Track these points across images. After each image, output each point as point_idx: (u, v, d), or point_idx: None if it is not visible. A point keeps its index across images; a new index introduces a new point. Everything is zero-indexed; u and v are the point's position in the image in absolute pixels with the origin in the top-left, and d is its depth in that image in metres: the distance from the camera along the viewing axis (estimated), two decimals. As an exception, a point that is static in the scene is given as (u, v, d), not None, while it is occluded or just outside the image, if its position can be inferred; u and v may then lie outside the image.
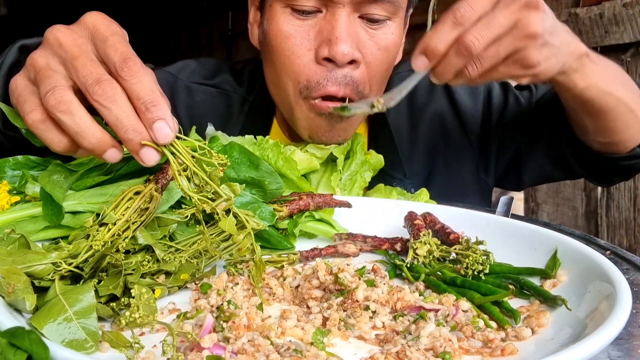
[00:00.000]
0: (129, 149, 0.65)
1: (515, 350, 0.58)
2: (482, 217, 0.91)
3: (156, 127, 0.64)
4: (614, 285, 0.61)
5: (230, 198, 0.70)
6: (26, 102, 0.68)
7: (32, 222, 0.77)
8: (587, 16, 1.74)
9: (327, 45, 1.06)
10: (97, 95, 0.64)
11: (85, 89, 0.65)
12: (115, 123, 0.64)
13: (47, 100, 0.65)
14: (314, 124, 1.14)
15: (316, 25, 1.09)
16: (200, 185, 0.67)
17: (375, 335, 0.63)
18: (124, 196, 0.73)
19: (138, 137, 0.64)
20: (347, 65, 1.08)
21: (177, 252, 0.77)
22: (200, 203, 0.68)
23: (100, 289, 0.64)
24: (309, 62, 1.10)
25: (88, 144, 0.66)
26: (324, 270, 0.70)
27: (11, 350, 0.47)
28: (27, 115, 0.67)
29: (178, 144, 0.66)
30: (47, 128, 0.67)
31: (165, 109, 0.65)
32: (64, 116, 0.65)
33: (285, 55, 1.11)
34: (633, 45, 1.68)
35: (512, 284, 0.73)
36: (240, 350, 0.55)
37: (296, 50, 1.10)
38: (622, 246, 1.79)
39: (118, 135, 0.65)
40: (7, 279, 0.59)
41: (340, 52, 1.05)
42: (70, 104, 0.65)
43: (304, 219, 0.93)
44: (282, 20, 1.10)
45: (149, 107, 0.64)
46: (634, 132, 1.14)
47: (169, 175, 0.81)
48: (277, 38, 1.11)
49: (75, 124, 0.65)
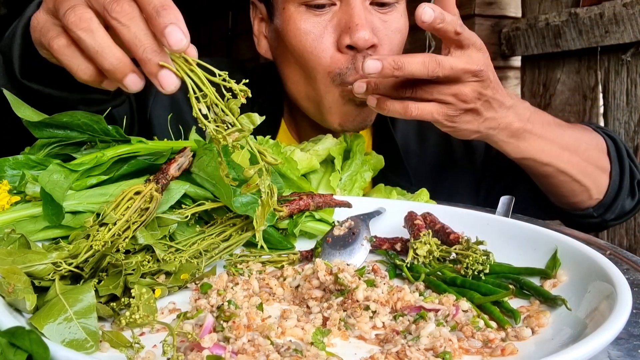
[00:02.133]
0: (147, 72, 0.63)
1: (515, 350, 0.58)
2: (482, 217, 0.91)
3: (168, 31, 0.60)
4: (614, 285, 0.61)
5: (247, 130, 0.65)
6: (49, 31, 0.68)
7: (32, 222, 0.77)
8: (587, 16, 1.74)
9: (348, 34, 1.10)
10: (115, 12, 0.62)
11: (104, 8, 0.63)
12: (133, 41, 0.62)
13: (68, 18, 0.64)
14: (345, 110, 1.17)
15: (333, 17, 1.12)
16: (217, 115, 0.63)
17: (375, 335, 0.63)
18: (124, 196, 0.73)
19: (157, 57, 0.61)
20: (368, 49, 1.11)
21: (177, 252, 0.77)
22: (215, 134, 0.63)
23: (101, 289, 0.64)
24: (334, 53, 1.13)
25: (109, 64, 0.64)
26: (324, 270, 0.70)
27: (11, 350, 0.47)
28: (52, 42, 0.67)
29: (196, 68, 0.62)
30: (73, 54, 0.67)
31: (178, 14, 0.62)
32: (84, 34, 0.64)
33: (309, 52, 1.13)
34: (633, 45, 1.68)
35: (512, 284, 0.73)
36: (240, 350, 0.55)
37: (318, 45, 1.13)
38: (622, 246, 1.78)
39: (136, 55, 0.62)
40: (7, 279, 0.59)
41: (362, 39, 1.09)
42: (90, 21, 0.64)
43: (304, 219, 0.93)
44: (298, 19, 1.13)
45: (159, 11, 0.61)
46: (583, 198, 1.18)
47: (169, 175, 0.81)
48: (297, 37, 1.14)
49: (96, 42, 0.64)
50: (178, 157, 0.84)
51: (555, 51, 1.91)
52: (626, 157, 1.21)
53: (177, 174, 0.83)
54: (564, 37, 1.84)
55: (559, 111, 1.98)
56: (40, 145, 0.86)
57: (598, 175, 1.18)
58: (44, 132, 0.84)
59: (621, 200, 1.21)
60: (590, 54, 1.84)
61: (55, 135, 0.84)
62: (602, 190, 1.19)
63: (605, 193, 1.19)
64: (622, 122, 1.76)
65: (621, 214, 1.24)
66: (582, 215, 1.23)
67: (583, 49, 1.82)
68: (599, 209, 1.21)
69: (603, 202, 1.20)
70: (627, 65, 1.73)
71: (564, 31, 1.83)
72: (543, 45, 1.94)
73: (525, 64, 2.16)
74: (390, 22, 1.15)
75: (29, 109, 0.82)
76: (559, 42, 1.87)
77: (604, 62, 1.81)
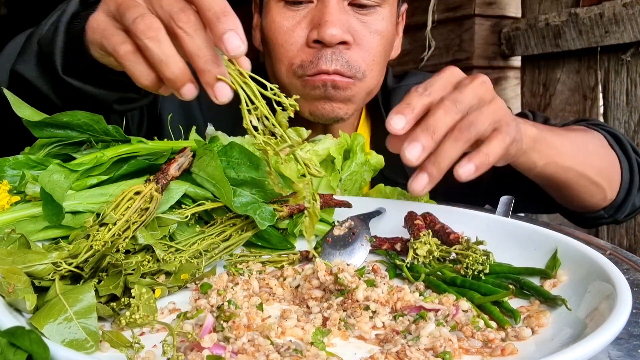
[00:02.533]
0: (204, 82, 0.65)
1: (515, 350, 0.58)
2: (482, 217, 0.91)
3: (227, 37, 0.62)
4: (614, 285, 0.61)
5: (296, 144, 0.68)
6: (114, 35, 0.69)
7: (32, 222, 0.77)
8: (587, 16, 1.74)
9: (317, 29, 1.12)
10: (182, 22, 0.64)
11: (170, 17, 0.65)
12: (196, 52, 0.64)
13: (137, 26, 0.65)
14: (311, 100, 1.18)
15: (308, 14, 1.15)
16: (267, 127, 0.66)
17: (375, 335, 0.63)
18: (124, 196, 0.73)
19: (216, 70, 0.64)
20: (338, 45, 1.13)
21: (177, 252, 0.77)
22: (264, 145, 0.66)
23: (101, 289, 0.64)
24: (301, 47, 1.16)
25: (171, 74, 0.65)
26: (324, 270, 0.70)
27: (11, 350, 0.47)
28: (118, 47, 0.68)
29: (250, 81, 0.65)
30: (137, 60, 0.68)
31: (237, 22, 0.64)
32: (151, 43, 0.65)
33: (280, 44, 1.17)
34: (633, 45, 1.68)
35: (512, 284, 0.73)
36: (240, 350, 0.55)
37: (289, 38, 1.16)
38: (622, 246, 1.79)
39: (196, 65, 0.64)
40: (7, 279, 0.59)
41: (329, 34, 1.10)
42: (158, 31, 0.65)
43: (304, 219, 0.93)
44: (276, 13, 1.17)
45: (219, 17, 0.63)
46: (599, 200, 1.16)
47: (169, 175, 0.81)
48: (272, 30, 1.17)
49: (162, 52, 0.65)
50: (178, 157, 0.84)
51: (555, 51, 1.91)
52: (632, 152, 1.19)
53: (177, 174, 0.83)
54: (564, 37, 1.84)
55: (559, 111, 1.98)
56: (40, 145, 0.86)
57: (611, 173, 1.16)
58: (44, 132, 0.84)
59: (632, 198, 1.19)
60: (590, 54, 1.84)
61: (55, 135, 0.85)
62: (615, 190, 1.17)
63: (618, 192, 1.17)
64: (622, 122, 1.76)
65: (632, 210, 1.22)
66: (594, 217, 1.21)
67: (583, 49, 1.82)
68: (610, 209, 1.19)
69: (615, 202, 1.18)
70: (627, 65, 1.73)
71: (564, 31, 1.83)
72: (543, 45, 1.95)
73: (525, 64, 2.16)
74: (369, 23, 1.16)
75: (29, 109, 0.82)
76: (559, 42, 1.87)
77: (604, 62, 1.81)
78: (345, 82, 1.15)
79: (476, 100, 0.79)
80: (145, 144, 0.87)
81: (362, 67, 1.16)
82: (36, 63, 0.91)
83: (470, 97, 0.79)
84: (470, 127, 0.76)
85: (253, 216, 0.83)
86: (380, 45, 1.18)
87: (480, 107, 0.79)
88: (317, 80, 1.14)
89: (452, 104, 0.77)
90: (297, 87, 1.17)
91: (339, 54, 1.13)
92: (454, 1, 2.28)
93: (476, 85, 0.80)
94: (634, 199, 1.19)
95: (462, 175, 0.77)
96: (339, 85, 1.15)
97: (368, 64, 1.17)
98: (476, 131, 0.77)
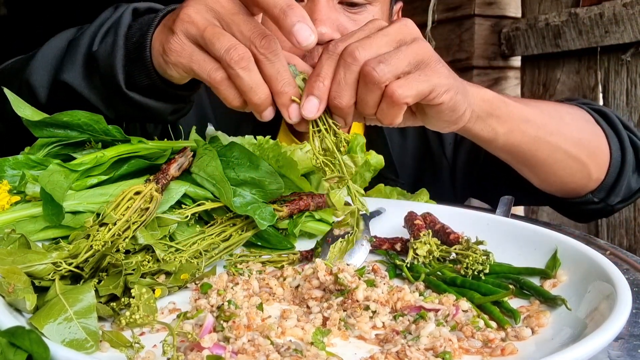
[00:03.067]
0: (280, 103, 0.71)
1: (515, 350, 0.58)
2: (482, 217, 0.91)
3: (296, 29, 0.65)
4: (614, 285, 0.61)
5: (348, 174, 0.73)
6: (206, 62, 0.72)
7: (32, 222, 0.77)
8: (587, 16, 1.74)
9: None
10: (264, 48, 0.68)
11: (251, 43, 0.68)
12: (276, 75, 0.68)
13: (230, 57, 0.68)
14: None
15: None
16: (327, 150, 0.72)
17: (375, 335, 0.63)
18: (124, 196, 0.73)
19: (292, 91, 0.69)
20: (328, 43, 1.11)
21: (177, 252, 0.77)
22: (323, 165, 0.72)
23: (101, 289, 0.64)
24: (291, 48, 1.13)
25: (258, 99, 0.70)
26: (324, 270, 0.70)
27: (11, 350, 0.47)
28: (213, 74, 0.71)
29: None
30: (228, 86, 0.71)
31: (303, 12, 0.66)
32: (243, 72, 0.69)
33: None
34: (633, 45, 1.68)
35: (512, 284, 0.73)
36: (240, 350, 0.55)
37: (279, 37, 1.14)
38: (622, 246, 1.78)
39: (274, 87, 0.69)
40: (7, 279, 0.59)
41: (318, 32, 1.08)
42: (249, 61, 0.69)
43: (304, 219, 0.93)
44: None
45: (286, 11, 0.66)
46: (582, 179, 1.06)
47: (169, 175, 0.81)
48: None
49: (252, 80, 0.69)
50: (178, 157, 0.84)
51: (555, 51, 1.91)
52: (623, 129, 1.10)
53: (177, 174, 0.83)
54: (564, 37, 1.84)
55: (559, 111, 1.97)
56: (40, 145, 0.86)
57: (594, 149, 1.05)
58: (44, 132, 0.84)
59: (625, 179, 1.09)
60: (590, 54, 1.84)
61: (55, 134, 0.84)
62: (603, 168, 1.07)
63: (607, 171, 1.07)
64: (622, 122, 1.76)
65: (628, 195, 1.12)
66: (582, 202, 1.11)
67: (583, 49, 1.82)
68: (599, 192, 1.09)
69: (605, 182, 1.08)
70: (627, 65, 1.73)
71: (564, 31, 1.83)
72: (543, 45, 1.95)
73: (525, 64, 2.16)
74: (359, 21, 1.15)
75: (29, 108, 0.82)
76: (559, 42, 1.87)
77: (603, 62, 1.81)
78: None
79: (391, 46, 0.72)
80: (145, 144, 0.87)
81: None
82: (85, 74, 0.91)
83: (381, 42, 0.72)
84: (370, 69, 0.69)
85: (253, 216, 0.83)
86: None
87: (397, 49, 0.72)
88: None
89: (350, 56, 0.71)
90: None
91: None
92: (454, 1, 2.28)
93: (393, 29, 0.74)
94: (628, 180, 1.09)
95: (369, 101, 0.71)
96: None
97: None
98: (386, 71, 0.69)
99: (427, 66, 0.74)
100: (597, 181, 1.08)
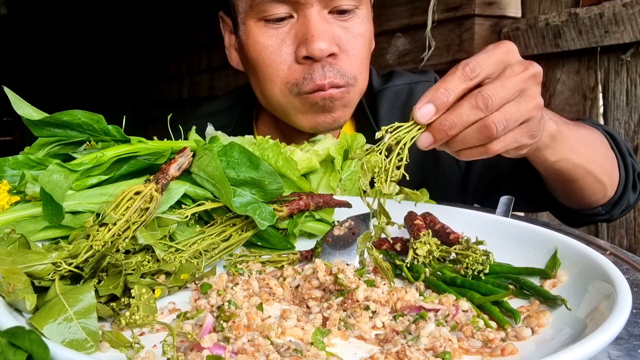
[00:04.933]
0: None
1: (515, 350, 0.58)
2: (482, 217, 0.91)
3: None
4: (614, 285, 0.61)
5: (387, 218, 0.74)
6: None
7: (32, 222, 0.77)
8: (587, 16, 1.74)
9: (304, 45, 1.12)
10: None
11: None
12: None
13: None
14: (311, 114, 1.20)
15: (291, 30, 1.15)
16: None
17: (375, 335, 0.63)
18: (124, 196, 0.73)
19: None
20: (327, 58, 1.14)
21: (177, 252, 0.77)
22: (370, 191, 0.73)
23: (101, 289, 0.64)
24: (291, 64, 1.16)
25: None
26: (323, 270, 0.70)
27: (11, 350, 0.47)
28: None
29: None
30: None
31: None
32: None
33: (267, 64, 1.17)
34: (633, 45, 1.68)
35: (512, 284, 0.73)
36: (240, 350, 0.55)
37: (277, 57, 1.16)
38: (622, 246, 1.78)
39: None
40: (7, 279, 0.59)
41: (318, 49, 1.11)
42: None
43: (304, 219, 0.93)
44: (257, 33, 1.17)
45: None
46: (599, 197, 1.17)
47: (169, 175, 0.81)
48: (256, 51, 1.18)
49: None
50: (178, 157, 0.84)
51: (555, 51, 1.91)
52: (626, 151, 1.20)
53: (177, 174, 0.83)
54: (564, 37, 1.84)
55: (559, 111, 1.97)
56: (40, 144, 0.86)
57: (612, 171, 1.16)
58: (44, 131, 0.84)
59: (628, 195, 1.20)
60: (590, 54, 1.84)
61: (55, 134, 0.85)
62: (614, 187, 1.18)
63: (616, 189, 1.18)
64: (622, 122, 1.76)
65: (626, 208, 1.24)
66: (591, 214, 1.21)
67: (583, 49, 1.82)
68: (607, 206, 1.20)
69: (612, 199, 1.19)
70: (627, 65, 1.73)
71: (564, 31, 1.83)
72: (543, 45, 1.94)
73: (525, 64, 2.16)
74: (351, 28, 1.17)
75: (30, 107, 0.82)
76: (559, 42, 1.87)
77: (603, 62, 1.81)
78: (341, 92, 1.16)
79: (515, 94, 0.76)
80: (145, 144, 0.87)
81: (353, 73, 1.18)
82: None
83: (511, 92, 0.75)
84: (492, 125, 0.74)
85: (253, 216, 0.83)
86: (365, 46, 1.21)
87: (518, 100, 0.76)
88: (316, 97, 1.15)
89: (483, 102, 0.73)
90: (296, 104, 1.19)
91: (329, 66, 1.14)
92: (454, 1, 2.27)
93: (523, 79, 0.76)
94: (628, 196, 1.20)
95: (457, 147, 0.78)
96: (336, 97, 1.16)
97: (357, 68, 1.19)
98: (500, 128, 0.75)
99: (528, 123, 0.79)
100: (608, 198, 1.18)
